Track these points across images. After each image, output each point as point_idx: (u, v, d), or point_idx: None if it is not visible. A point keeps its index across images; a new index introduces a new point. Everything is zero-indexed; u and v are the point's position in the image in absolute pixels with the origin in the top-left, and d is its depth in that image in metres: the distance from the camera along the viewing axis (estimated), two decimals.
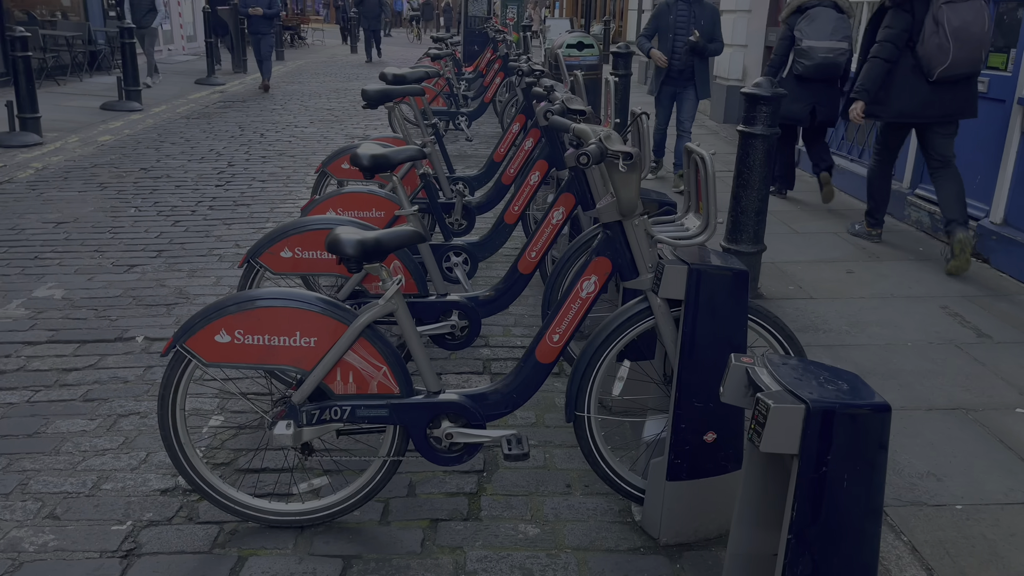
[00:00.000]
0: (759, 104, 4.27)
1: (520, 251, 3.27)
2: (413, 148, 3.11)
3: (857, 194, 6.63)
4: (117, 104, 10.90)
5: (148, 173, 7.34)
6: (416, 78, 4.71)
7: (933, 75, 4.79)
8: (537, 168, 3.88)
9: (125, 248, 5.24)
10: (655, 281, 2.29)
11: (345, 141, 9.16)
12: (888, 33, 4.94)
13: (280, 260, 3.06)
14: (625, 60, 7.88)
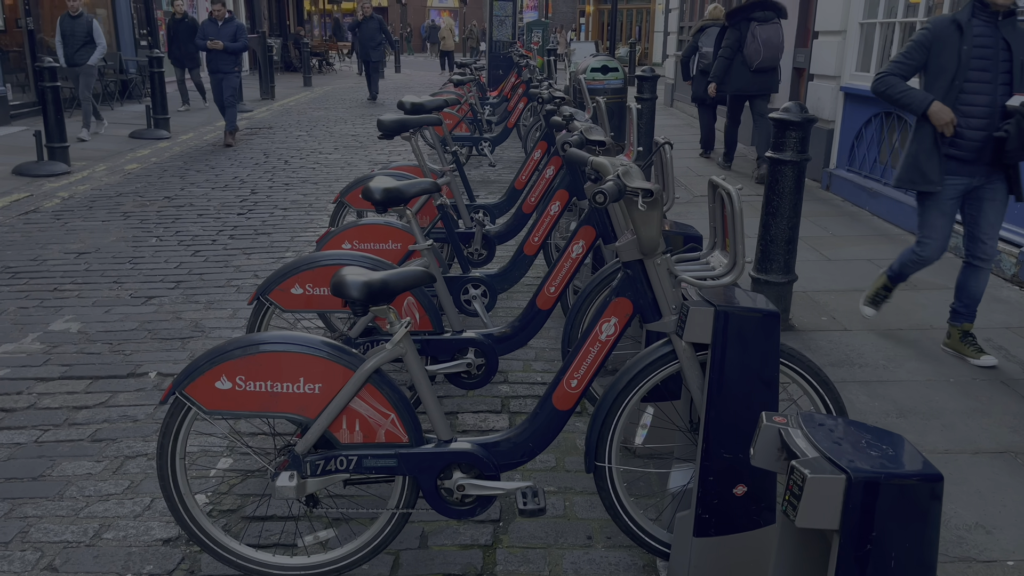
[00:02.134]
0: (788, 130, 4.12)
1: (539, 285, 3.14)
2: (427, 182, 3.01)
3: (893, 219, 6.43)
4: (146, 132, 11.01)
5: (172, 201, 7.35)
6: (435, 106, 4.63)
7: (752, 67, 7.86)
8: (557, 198, 3.76)
9: (144, 279, 5.20)
10: (679, 324, 2.15)
11: (368, 167, 9.13)
12: (728, 43, 8.05)
13: (291, 297, 2.96)
14: (651, 84, 7.76)
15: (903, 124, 6.45)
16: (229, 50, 10.11)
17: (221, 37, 10.06)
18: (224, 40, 10.07)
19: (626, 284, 2.20)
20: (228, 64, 10.20)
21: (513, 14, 14.14)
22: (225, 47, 10.06)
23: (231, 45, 10.13)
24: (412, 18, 44.01)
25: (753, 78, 7.90)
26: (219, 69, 10.21)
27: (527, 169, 5.32)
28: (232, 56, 10.20)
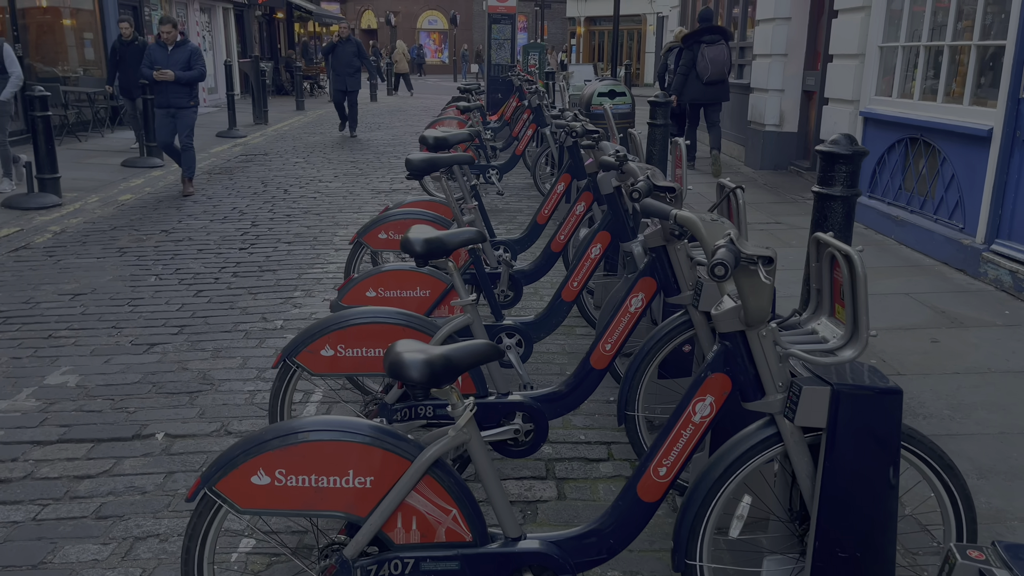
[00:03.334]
0: (838, 163, 3.87)
1: (592, 343, 2.86)
2: (471, 231, 2.73)
3: (923, 248, 6.20)
4: (138, 160, 10.71)
5: (169, 236, 7.04)
6: (459, 140, 4.37)
7: (704, 80, 9.39)
8: (599, 240, 3.50)
9: (144, 323, 4.89)
10: (789, 405, 1.87)
11: (370, 195, 8.87)
12: (684, 61, 9.55)
13: (320, 360, 2.68)
14: (664, 109, 7.53)
15: (931, 150, 6.25)
16: (182, 81, 8.40)
17: (172, 65, 8.35)
18: (175, 68, 8.36)
19: (724, 358, 1.93)
20: (182, 98, 8.49)
21: (512, 37, 13.97)
22: (177, 77, 8.35)
23: (184, 75, 8.40)
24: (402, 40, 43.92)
25: (705, 89, 9.49)
26: (170, 104, 8.48)
27: (550, 203, 5.06)
28: (186, 88, 8.50)
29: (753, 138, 10.33)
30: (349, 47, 13.61)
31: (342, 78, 13.63)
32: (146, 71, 8.56)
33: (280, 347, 4.47)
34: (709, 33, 9.37)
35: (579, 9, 37.43)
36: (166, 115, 8.60)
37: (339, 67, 13.61)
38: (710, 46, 9.25)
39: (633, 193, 2.39)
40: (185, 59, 8.45)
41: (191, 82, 8.52)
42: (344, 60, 13.51)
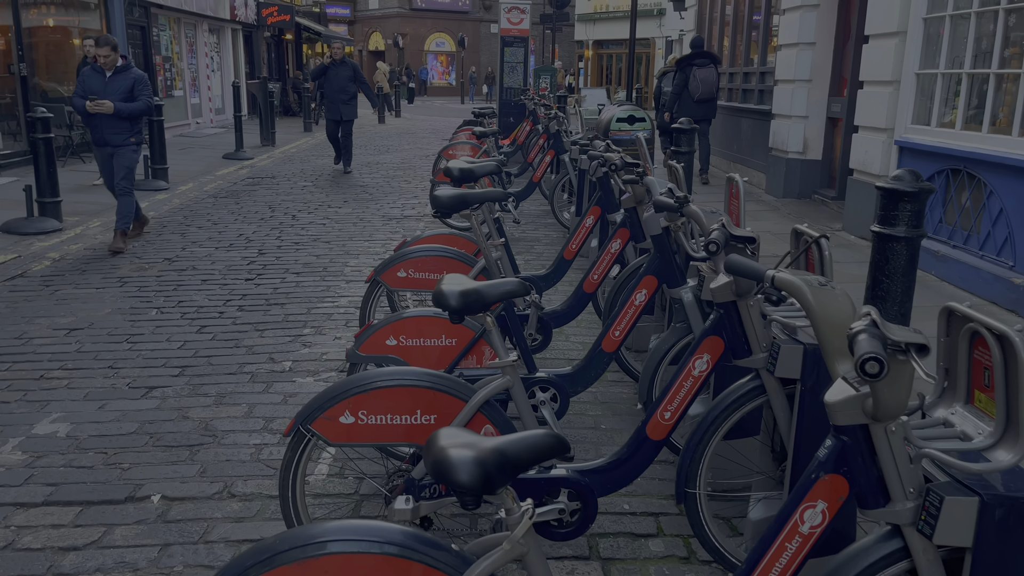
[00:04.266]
0: (901, 201, 3.55)
1: (648, 413, 2.51)
2: (513, 282, 2.40)
3: (968, 286, 5.86)
4: (143, 183, 10.40)
5: (172, 264, 6.73)
6: (485, 172, 4.05)
7: (695, 98, 10.32)
8: (644, 286, 3.17)
9: (143, 363, 4.56)
10: (924, 518, 1.52)
11: (381, 221, 8.56)
12: (677, 82, 10.54)
13: (339, 428, 2.35)
14: (688, 137, 7.24)
15: (975, 183, 5.93)
16: (123, 114, 6.95)
17: (110, 94, 6.92)
18: (114, 98, 6.91)
19: (839, 458, 1.58)
20: (120, 133, 7.05)
21: (525, 60, 13.73)
22: (116, 110, 6.89)
23: (125, 107, 6.95)
24: (409, 62, 43.96)
25: (696, 107, 10.35)
26: (107, 141, 7.08)
27: (578, 237, 4.75)
28: (127, 123, 7.05)
29: (775, 165, 10.03)
30: (343, 70, 11.75)
31: (335, 106, 11.84)
32: (78, 101, 7.01)
33: (288, 392, 4.15)
34: (700, 57, 10.46)
35: (587, 32, 37.41)
36: (102, 155, 7.31)
37: (331, 93, 11.84)
38: (701, 68, 10.32)
39: (710, 246, 2.07)
40: (127, 87, 7.02)
41: (134, 116, 7.07)
42: (337, 85, 11.72)
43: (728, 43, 12.54)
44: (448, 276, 2.41)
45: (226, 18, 20.28)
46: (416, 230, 8.15)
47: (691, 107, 10.27)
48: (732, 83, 12.29)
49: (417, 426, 2.37)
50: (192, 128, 18.60)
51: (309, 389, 4.19)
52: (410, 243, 4.33)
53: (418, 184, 11.26)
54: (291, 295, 5.88)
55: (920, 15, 6.71)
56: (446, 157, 9.10)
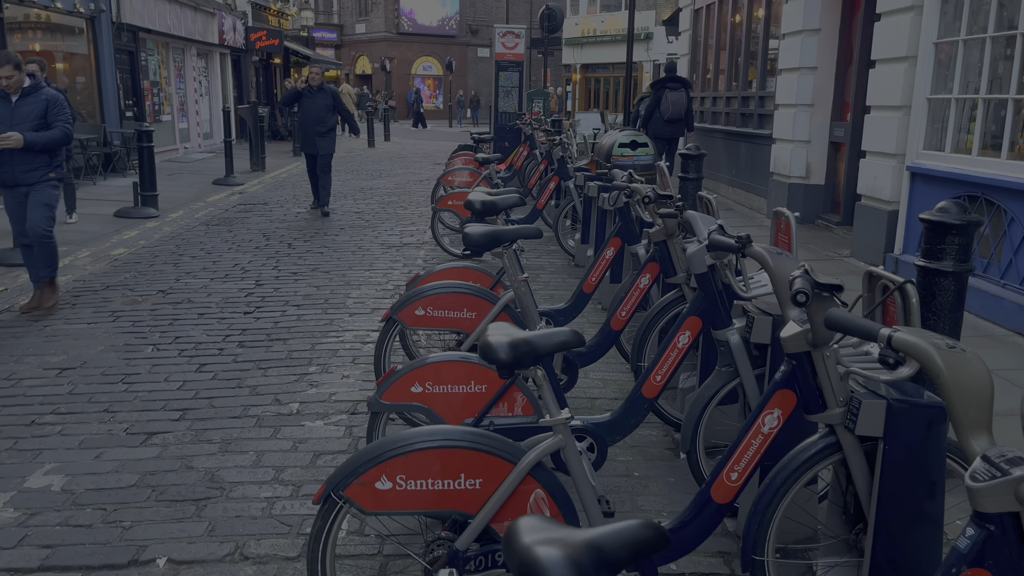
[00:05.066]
0: (949, 235, 3.38)
1: (713, 472, 2.30)
2: (566, 332, 2.18)
3: (990, 315, 5.71)
4: (132, 211, 10.17)
5: (167, 297, 6.48)
6: (509, 204, 3.86)
7: (665, 118, 11.26)
8: (688, 327, 2.98)
9: (141, 405, 4.31)
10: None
11: (380, 249, 8.35)
12: (651, 101, 11.49)
13: (375, 495, 2.13)
14: (696, 162, 7.10)
15: (995, 210, 5.81)
16: (36, 146, 5.64)
17: (17, 123, 5.62)
18: (23, 128, 5.61)
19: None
20: (36, 169, 5.76)
21: (520, 84, 13.63)
22: (27, 142, 5.57)
23: (38, 137, 5.64)
24: (396, 86, 43.98)
25: (666, 125, 11.35)
26: (18, 181, 5.77)
27: (598, 270, 4.56)
28: (44, 156, 5.79)
29: (777, 190, 9.92)
30: (321, 98, 10.14)
31: (310, 139, 10.24)
32: None
33: (297, 438, 3.92)
34: (672, 81, 11.52)
35: (575, 56, 37.53)
36: (15, 198, 5.89)
37: (307, 123, 10.22)
38: (673, 91, 11.31)
39: (798, 296, 1.88)
40: (38, 113, 5.72)
41: (50, 148, 5.78)
42: (313, 115, 10.10)
43: (725, 67, 12.49)
44: (493, 326, 2.20)
45: (214, 42, 20.11)
46: (416, 258, 7.95)
47: (662, 125, 11.33)
48: (730, 107, 12.22)
49: (461, 491, 2.16)
50: (180, 153, 18.35)
51: (320, 434, 3.96)
52: (423, 277, 4.14)
53: (414, 210, 11.06)
54: (293, 330, 5.64)
55: (931, 40, 6.62)
56: (445, 183, 8.93)
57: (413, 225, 9.87)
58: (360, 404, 4.31)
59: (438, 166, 16.46)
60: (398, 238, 9.05)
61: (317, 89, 10.21)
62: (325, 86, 10.31)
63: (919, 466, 2.09)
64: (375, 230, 9.53)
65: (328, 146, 10.39)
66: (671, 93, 11.27)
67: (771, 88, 10.48)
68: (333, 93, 10.34)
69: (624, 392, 4.48)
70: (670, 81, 11.49)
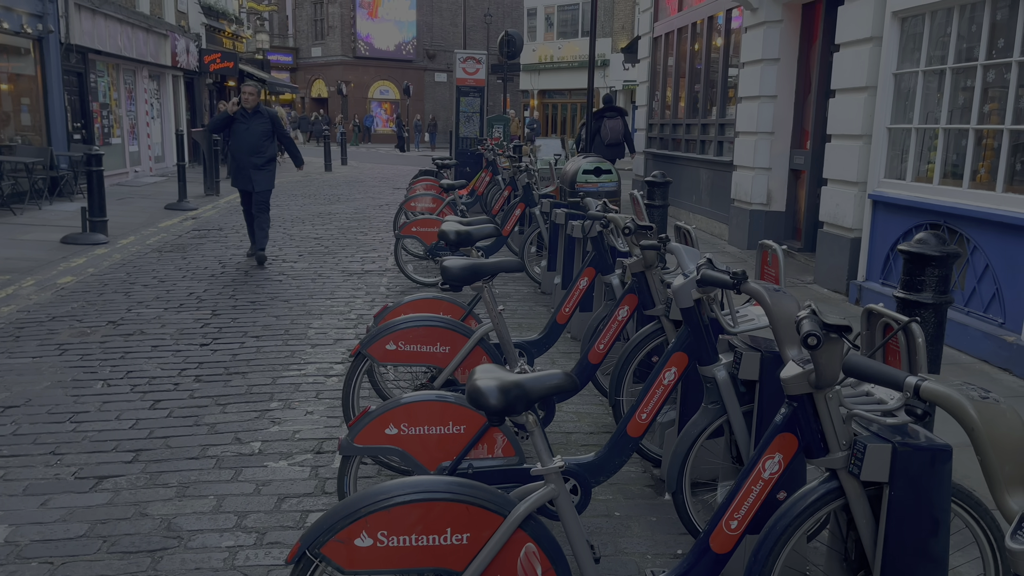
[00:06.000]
0: (928, 266, 3.36)
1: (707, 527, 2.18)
2: (559, 375, 2.06)
3: (956, 343, 5.75)
4: (80, 237, 9.81)
5: (117, 328, 6.19)
6: (483, 235, 3.75)
7: (605, 143, 12.21)
8: (673, 363, 2.89)
9: (91, 447, 4.06)
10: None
11: (343, 277, 8.15)
12: (592, 129, 12.49)
13: (354, 553, 1.97)
14: (662, 190, 7.09)
15: (957, 238, 5.87)
16: None
17: None
18: None
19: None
20: None
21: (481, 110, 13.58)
22: None
23: None
24: (353, 109, 43.76)
25: (607, 149, 12.20)
26: None
27: (571, 300, 4.46)
28: None
29: (738, 216, 9.99)
30: (257, 124, 8.47)
31: (245, 172, 8.54)
32: None
33: (260, 480, 3.71)
34: (610, 111, 12.61)
35: (532, 82, 37.85)
36: None
37: (241, 153, 8.50)
38: (610, 119, 12.41)
39: (809, 339, 1.79)
40: None
41: None
42: (248, 143, 8.44)
43: (685, 94, 12.62)
44: (479, 369, 2.07)
45: (167, 64, 19.73)
46: (379, 286, 7.78)
47: (604, 149, 12.33)
48: (690, 134, 12.33)
49: (447, 547, 2.01)
50: (131, 177, 17.89)
51: (284, 475, 3.76)
52: (392, 309, 3.99)
53: (375, 236, 10.89)
54: (253, 362, 5.42)
55: (890, 70, 6.73)
56: (407, 209, 8.80)
57: (374, 251, 9.69)
58: (326, 442, 4.13)
59: (398, 191, 16.31)
60: (359, 265, 8.86)
61: (252, 112, 8.50)
62: (262, 108, 8.64)
63: (925, 510, 2.03)
64: (335, 256, 9.32)
65: (266, 180, 8.71)
66: (609, 121, 12.42)
67: (731, 116, 10.60)
68: (271, 117, 8.69)
69: (600, 425, 4.37)
70: (608, 111, 12.61)
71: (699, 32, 11.92)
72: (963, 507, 2.18)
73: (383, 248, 9.85)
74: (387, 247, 9.82)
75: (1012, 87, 5.38)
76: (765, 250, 2.83)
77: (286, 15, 46.45)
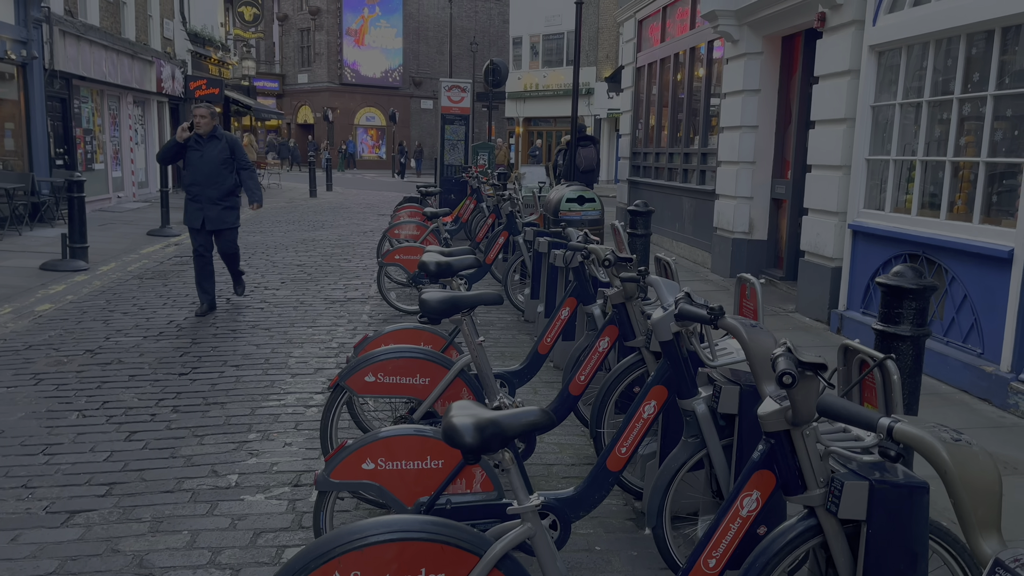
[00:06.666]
0: (906, 299, 3.38)
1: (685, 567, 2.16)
2: (535, 412, 2.05)
3: (935, 373, 5.78)
4: (60, 263, 9.72)
5: (95, 357, 6.12)
6: (464, 266, 3.74)
7: (580, 169, 13.02)
8: (653, 397, 2.88)
9: (64, 480, 3.98)
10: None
11: (325, 305, 8.11)
12: (567, 156, 13.11)
13: None
14: (644, 219, 7.12)
15: (935, 268, 5.93)
16: None
17: None
18: None
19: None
20: None
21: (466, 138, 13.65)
22: None
23: None
24: (339, 135, 43.89)
25: (582, 176, 12.98)
26: None
27: (552, 331, 4.45)
28: None
29: (721, 245, 10.06)
30: (213, 150, 7.20)
31: (198, 205, 7.26)
32: None
33: (236, 514, 3.66)
34: (583, 140, 13.63)
35: (517, 110, 38.14)
36: None
37: (194, 185, 7.26)
38: (584, 148, 13.37)
39: (784, 377, 1.79)
40: None
41: None
42: (204, 173, 7.19)
43: (668, 123, 12.74)
44: (455, 405, 2.05)
45: (152, 90, 19.73)
46: (361, 314, 7.74)
47: (578, 175, 13.11)
48: (673, 163, 12.43)
49: None
50: (113, 202, 17.81)
51: (260, 509, 3.71)
52: (372, 340, 3.97)
53: (358, 263, 10.86)
54: (232, 392, 5.36)
55: (868, 103, 6.83)
56: (391, 237, 8.78)
57: (357, 279, 9.66)
58: (304, 475, 4.07)
59: (382, 217, 16.32)
60: (342, 292, 8.82)
61: (207, 138, 7.22)
62: (219, 133, 7.34)
63: (903, 548, 2.00)
64: (317, 284, 9.28)
65: (229, 217, 7.39)
66: (583, 149, 13.41)
67: (713, 145, 10.70)
68: (230, 143, 7.37)
69: (582, 457, 4.34)
70: (582, 140, 13.65)
71: (682, 62, 12.06)
72: (941, 544, 2.18)
73: (366, 275, 9.82)
74: (370, 274, 9.79)
75: (988, 120, 5.46)
76: (744, 283, 2.84)
77: (273, 42, 46.70)
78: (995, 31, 5.42)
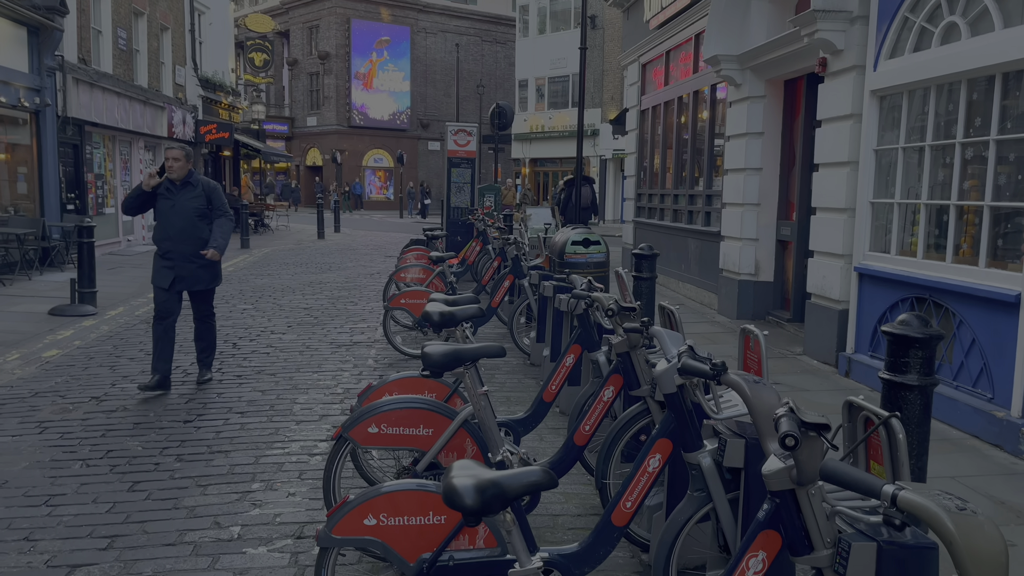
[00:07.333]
0: (913, 348, 3.36)
1: None
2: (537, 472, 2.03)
3: (945, 417, 5.71)
4: (68, 308, 9.77)
5: (100, 404, 6.11)
6: (467, 315, 3.74)
7: (584, 205, 14.44)
8: (658, 450, 2.85)
9: (66, 532, 3.95)
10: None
11: (331, 350, 8.10)
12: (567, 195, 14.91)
13: None
14: (649, 263, 7.13)
15: (942, 312, 5.90)
16: None
17: None
18: None
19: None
20: None
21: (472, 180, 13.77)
22: None
23: None
24: (348, 177, 44.32)
25: (580, 212, 13.62)
26: None
27: (557, 378, 4.43)
28: None
29: (727, 286, 10.05)
30: (187, 198, 6.27)
31: (168, 263, 6.35)
32: None
33: (238, 568, 3.61)
34: (582, 180, 14.34)
35: (524, 151, 38.51)
36: None
37: (167, 239, 6.31)
38: (583, 187, 14.34)
39: (787, 439, 1.77)
40: None
41: None
42: (175, 226, 6.25)
43: (672, 165, 12.82)
44: (456, 465, 2.04)
45: (163, 135, 20.01)
46: (367, 358, 7.73)
47: (576, 212, 13.76)
48: (678, 204, 12.48)
49: None
50: (123, 245, 17.95)
51: (263, 563, 3.66)
52: (376, 389, 3.96)
53: (365, 305, 10.88)
54: (236, 440, 5.34)
55: (871, 146, 6.86)
56: (397, 280, 8.81)
57: (364, 322, 9.66)
58: (307, 526, 4.03)
59: (389, 259, 16.38)
60: (348, 336, 8.82)
61: (180, 185, 6.27)
62: (195, 179, 6.36)
63: None
64: (324, 327, 9.29)
65: (206, 276, 6.49)
66: (582, 188, 14.38)
67: (718, 186, 10.75)
68: (208, 190, 6.38)
69: (588, 507, 4.29)
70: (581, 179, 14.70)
71: (686, 104, 12.18)
72: None
73: (372, 318, 9.83)
74: (377, 317, 9.80)
75: (991, 164, 5.48)
76: (747, 334, 2.82)
77: (283, 86, 47.43)
78: (996, 76, 5.46)
